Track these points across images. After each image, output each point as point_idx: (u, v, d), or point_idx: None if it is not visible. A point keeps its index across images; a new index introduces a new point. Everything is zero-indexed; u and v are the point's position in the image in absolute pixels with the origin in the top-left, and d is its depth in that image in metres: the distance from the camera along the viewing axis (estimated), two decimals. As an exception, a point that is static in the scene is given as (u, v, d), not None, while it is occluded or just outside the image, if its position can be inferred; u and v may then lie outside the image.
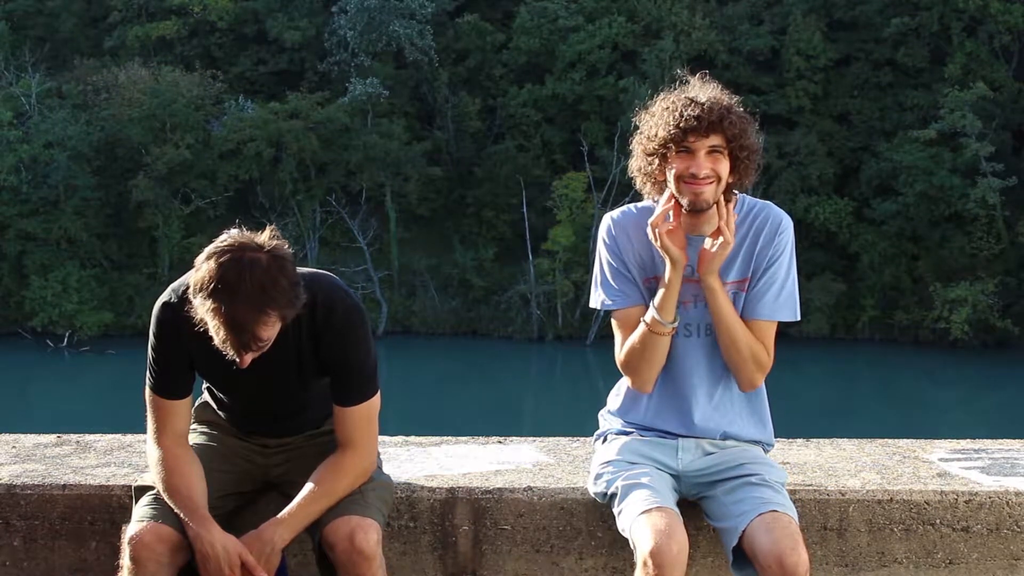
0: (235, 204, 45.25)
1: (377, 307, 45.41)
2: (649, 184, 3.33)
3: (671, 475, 3.38)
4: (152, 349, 3.24)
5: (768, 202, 3.42)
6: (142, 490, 3.29)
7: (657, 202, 3.36)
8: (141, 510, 3.21)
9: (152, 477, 3.25)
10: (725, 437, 3.42)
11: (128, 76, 47.23)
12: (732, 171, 3.24)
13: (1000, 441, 4.19)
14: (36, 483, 3.65)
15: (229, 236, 3.02)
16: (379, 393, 3.33)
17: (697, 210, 3.25)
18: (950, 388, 38.99)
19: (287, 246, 3.06)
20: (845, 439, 4.18)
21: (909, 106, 46.33)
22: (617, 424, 3.53)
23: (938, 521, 3.59)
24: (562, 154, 48.12)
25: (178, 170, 45.44)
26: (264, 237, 3.04)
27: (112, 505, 3.60)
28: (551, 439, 4.19)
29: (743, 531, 3.16)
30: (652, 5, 48.64)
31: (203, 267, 2.97)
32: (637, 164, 3.34)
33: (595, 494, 3.44)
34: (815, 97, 46.92)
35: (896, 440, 4.19)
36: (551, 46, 48.72)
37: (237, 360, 3.03)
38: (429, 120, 50.34)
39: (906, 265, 44.60)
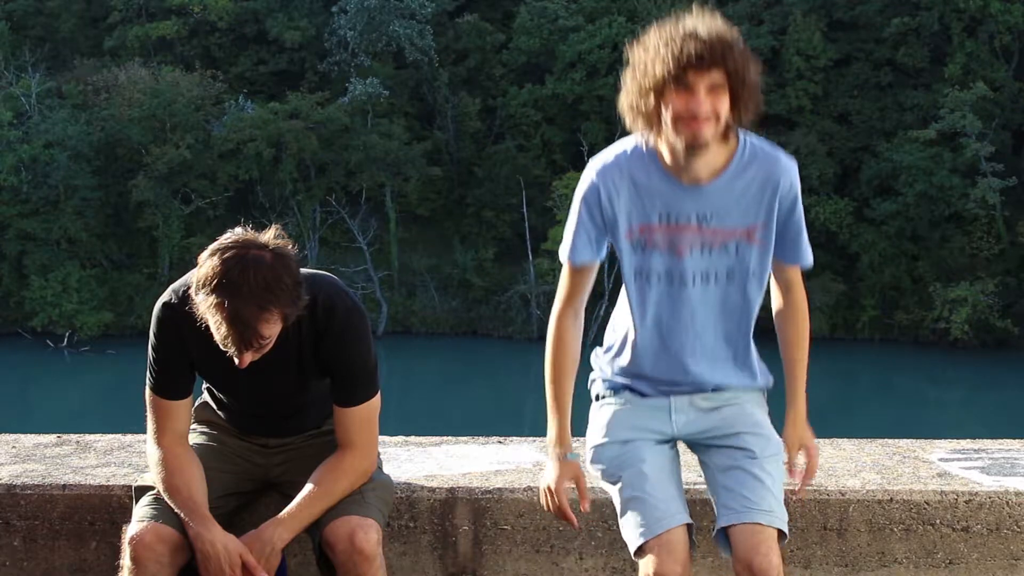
0: (235, 204, 45.26)
1: (377, 307, 45.41)
2: (642, 122, 3.09)
3: (667, 444, 3.27)
4: (152, 349, 3.24)
5: (771, 144, 3.23)
6: (142, 490, 3.29)
7: (647, 141, 3.15)
8: (141, 510, 3.21)
9: (152, 477, 3.25)
10: (718, 389, 3.27)
11: (128, 76, 47.22)
12: (732, 108, 3.03)
13: (1000, 441, 4.19)
14: (36, 483, 3.65)
15: (233, 234, 3.03)
16: (379, 394, 3.33)
17: (694, 150, 3.04)
18: (950, 388, 38.98)
19: (291, 246, 3.07)
20: (845, 439, 4.18)
21: (909, 106, 46.34)
22: (608, 371, 3.36)
23: (938, 521, 3.59)
24: (562, 154, 48.12)
25: (178, 170, 45.44)
26: (268, 236, 3.05)
27: (112, 505, 3.60)
28: (551, 439, 4.18)
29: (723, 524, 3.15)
30: (652, 5, 48.60)
31: (207, 263, 2.97)
32: (629, 101, 3.10)
33: (592, 469, 3.30)
34: (815, 97, 46.93)
35: (896, 440, 4.19)
36: (551, 46, 48.73)
37: (237, 359, 3.03)
38: (429, 120, 50.35)
39: (906, 265, 44.60)
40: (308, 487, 3.23)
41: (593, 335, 3.51)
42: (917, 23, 46.45)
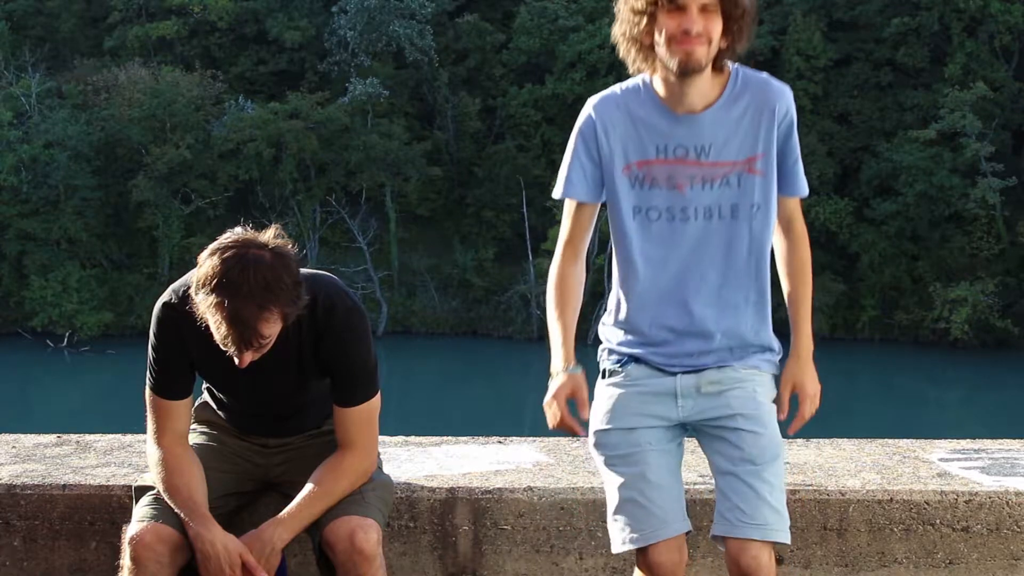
0: (235, 204, 45.24)
1: (377, 307, 45.41)
2: (634, 50, 3.09)
3: (673, 433, 3.17)
4: (152, 349, 3.24)
5: (765, 73, 3.20)
6: (142, 490, 3.29)
7: (642, 74, 3.12)
8: (141, 510, 3.21)
9: (152, 477, 3.25)
10: (728, 334, 3.13)
11: (128, 76, 47.21)
12: (724, 33, 3.01)
13: (1000, 441, 4.19)
14: (36, 483, 3.65)
15: (233, 234, 3.03)
16: (379, 394, 3.33)
17: (687, 72, 2.99)
18: (950, 388, 38.98)
19: (291, 246, 3.07)
20: (845, 439, 4.17)
21: (909, 106, 46.33)
22: (613, 338, 3.25)
23: (938, 521, 3.59)
24: (562, 154, 47.67)
25: (178, 170, 45.43)
26: (268, 236, 3.05)
27: (112, 505, 3.60)
28: (551, 439, 4.18)
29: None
30: (652, 5, 48.62)
31: (206, 263, 2.98)
32: (622, 29, 3.13)
33: (593, 453, 3.22)
34: (815, 97, 46.91)
35: (896, 440, 4.19)
36: (551, 46, 48.72)
37: (236, 359, 3.03)
38: (429, 120, 50.35)
39: (906, 265, 44.60)
40: (308, 487, 3.22)
41: (593, 336, 3.47)
42: (917, 23, 46.45)
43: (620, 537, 3.10)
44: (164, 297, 3.22)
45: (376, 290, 46.03)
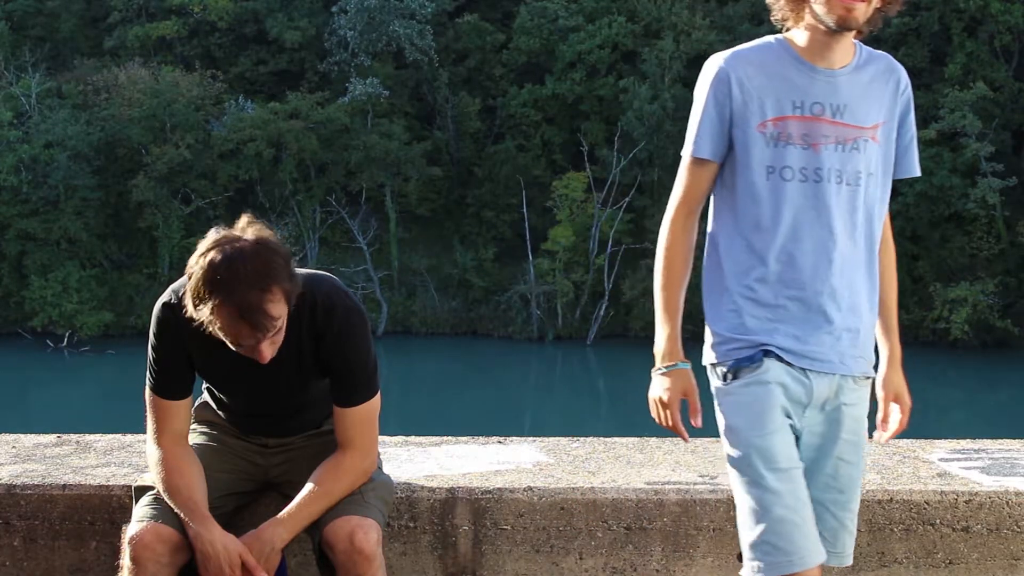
0: (235, 204, 45.22)
1: (377, 307, 45.42)
2: (792, 16, 3.01)
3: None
4: (152, 349, 3.24)
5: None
6: (142, 490, 3.29)
7: (787, 31, 3.05)
8: (141, 510, 3.21)
9: (152, 477, 3.25)
10: (852, 309, 3.02)
11: (128, 76, 47.22)
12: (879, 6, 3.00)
13: (1000, 441, 4.19)
14: (36, 483, 3.65)
15: (209, 238, 3.04)
16: (379, 394, 3.33)
17: (842, 28, 2.94)
18: (950, 388, 38.94)
19: (265, 228, 3.07)
20: (845, 439, 4.16)
21: (909, 106, 46.33)
22: (728, 323, 3.03)
23: (938, 521, 3.59)
24: (562, 154, 48.12)
25: (178, 170, 45.45)
26: (242, 225, 3.05)
27: (112, 505, 3.60)
28: (551, 439, 4.18)
29: None
30: (652, 5, 48.63)
31: (195, 271, 2.98)
32: None
33: (743, 457, 2.98)
34: (815, 97, 46.87)
35: (896, 440, 4.18)
36: (551, 46, 48.73)
37: (256, 355, 3.03)
38: (429, 120, 50.35)
39: (906, 265, 44.57)
40: (308, 487, 3.22)
41: (593, 336, 3.46)
42: (917, 23, 46.46)
43: (766, 560, 2.91)
44: (164, 297, 3.22)
45: (376, 290, 46.04)
